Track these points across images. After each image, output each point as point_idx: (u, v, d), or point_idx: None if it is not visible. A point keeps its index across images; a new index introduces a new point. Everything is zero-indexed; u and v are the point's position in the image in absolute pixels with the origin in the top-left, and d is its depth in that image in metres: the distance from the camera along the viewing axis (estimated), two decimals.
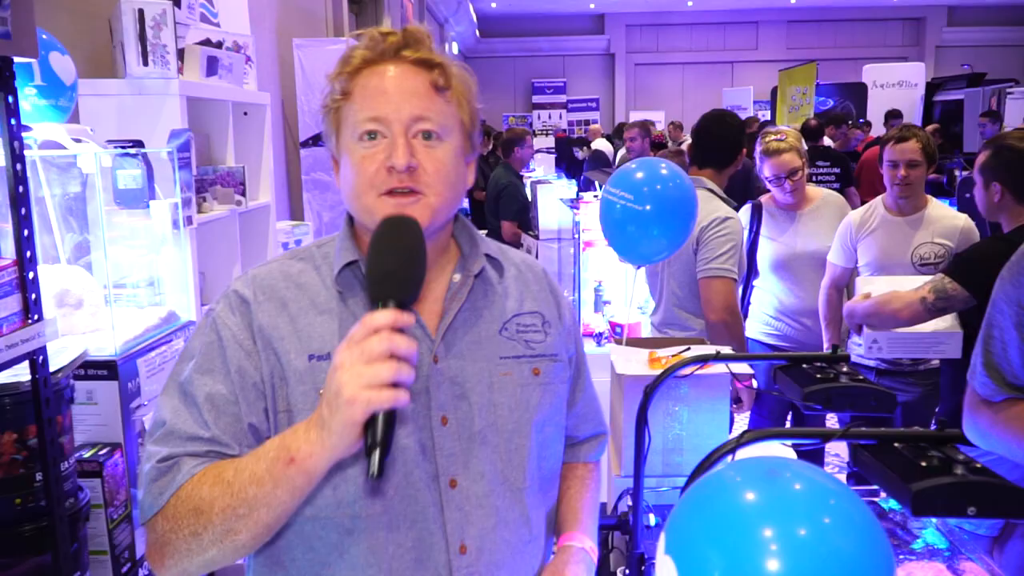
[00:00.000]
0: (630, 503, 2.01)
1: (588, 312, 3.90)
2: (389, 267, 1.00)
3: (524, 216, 5.64)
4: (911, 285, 2.68)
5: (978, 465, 1.20)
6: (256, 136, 3.52)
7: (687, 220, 2.31)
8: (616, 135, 9.76)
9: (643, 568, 1.73)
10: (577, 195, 6.31)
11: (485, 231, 6.01)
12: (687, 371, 1.74)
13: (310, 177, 5.19)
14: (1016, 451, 1.49)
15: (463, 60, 16.54)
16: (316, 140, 5.12)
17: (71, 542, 1.65)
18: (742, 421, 3.63)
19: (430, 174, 1.11)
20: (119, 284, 2.31)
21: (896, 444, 1.29)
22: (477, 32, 17.25)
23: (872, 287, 2.79)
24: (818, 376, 1.62)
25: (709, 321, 2.74)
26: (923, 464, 1.21)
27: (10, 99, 1.41)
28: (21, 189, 1.45)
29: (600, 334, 3.81)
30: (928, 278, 2.60)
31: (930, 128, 10.26)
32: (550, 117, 18.41)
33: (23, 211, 1.45)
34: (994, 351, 1.52)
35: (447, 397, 1.15)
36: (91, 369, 1.90)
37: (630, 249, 2.34)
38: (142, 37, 2.59)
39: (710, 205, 2.74)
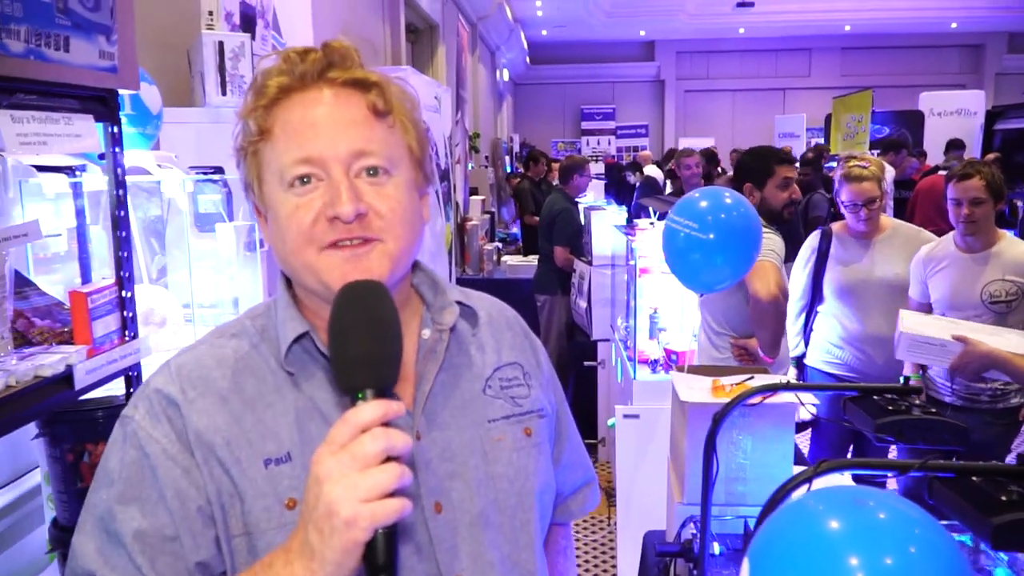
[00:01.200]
0: (694, 531, 2.02)
1: (643, 339, 3.90)
2: (361, 349, 0.80)
3: (577, 242, 5.68)
4: (964, 328, 2.67)
5: None
6: None
7: (751, 249, 2.33)
8: (665, 161, 9.78)
9: None
10: (629, 221, 6.35)
11: (537, 256, 6.07)
12: (755, 400, 1.75)
13: None
14: None
15: (513, 87, 16.74)
16: None
17: None
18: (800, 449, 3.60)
19: (384, 217, 0.91)
20: (198, 305, 2.40)
21: (974, 478, 1.29)
22: (527, 59, 17.45)
23: (911, 322, 2.78)
24: (890, 408, 1.62)
25: (762, 302, 2.78)
26: (1003, 498, 1.21)
27: (115, 129, 1.50)
28: (122, 213, 1.53)
29: (655, 361, 3.82)
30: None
31: (990, 157, 10.07)
32: (599, 143, 18.49)
33: (123, 233, 1.54)
34: None
35: (438, 479, 0.96)
36: None
37: (693, 277, 2.36)
38: (221, 68, 2.71)
39: None
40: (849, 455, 3.70)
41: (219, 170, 2.36)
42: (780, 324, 2.99)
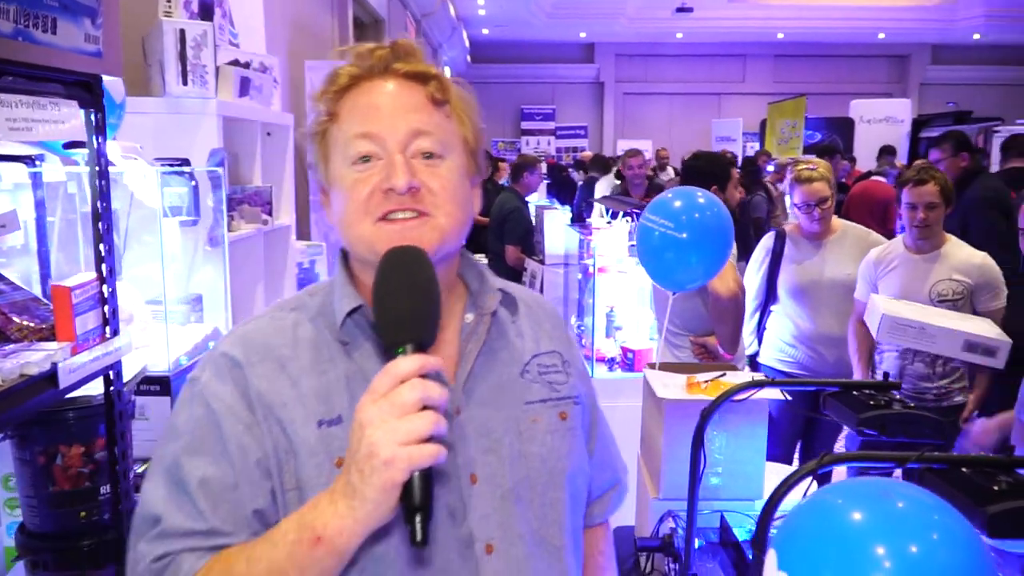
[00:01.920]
0: (672, 525, 2.05)
1: (600, 338, 3.93)
2: (402, 307, 0.88)
3: (528, 241, 5.69)
4: (932, 313, 2.77)
5: None
6: (279, 157, 3.55)
7: (724, 248, 2.37)
8: (593, 165, 9.84)
9: None
10: (574, 220, 6.38)
11: (486, 255, 6.06)
12: (741, 396, 1.78)
13: (318, 198, 5.21)
14: None
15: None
16: None
17: None
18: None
19: (436, 193, 1.00)
20: (157, 300, 2.32)
21: (964, 469, 1.34)
22: (469, 57, 17.41)
23: (890, 306, 2.88)
24: (871, 403, 1.67)
25: (722, 300, 2.86)
26: (995, 488, 1.25)
27: (98, 116, 1.44)
28: (103, 204, 1.47)
29: (612, 359, 3.85)
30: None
31: (918, 163, 10.46)
32: (539, 144, 18.54)
33: (104, 226, 1.48)
34: None
35: (475, 451, 1.02)
36: (143, 384, 1.91)
37: (667, 275, 2.39)
38: (182, 57, 2.63)
39: None
40: (797, 450, 3.80)
41: (186, 162, 2.28)
42: (739, 321, 3.06)
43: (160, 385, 1.91)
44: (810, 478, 1.29)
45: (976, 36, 16.41)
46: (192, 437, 0.97)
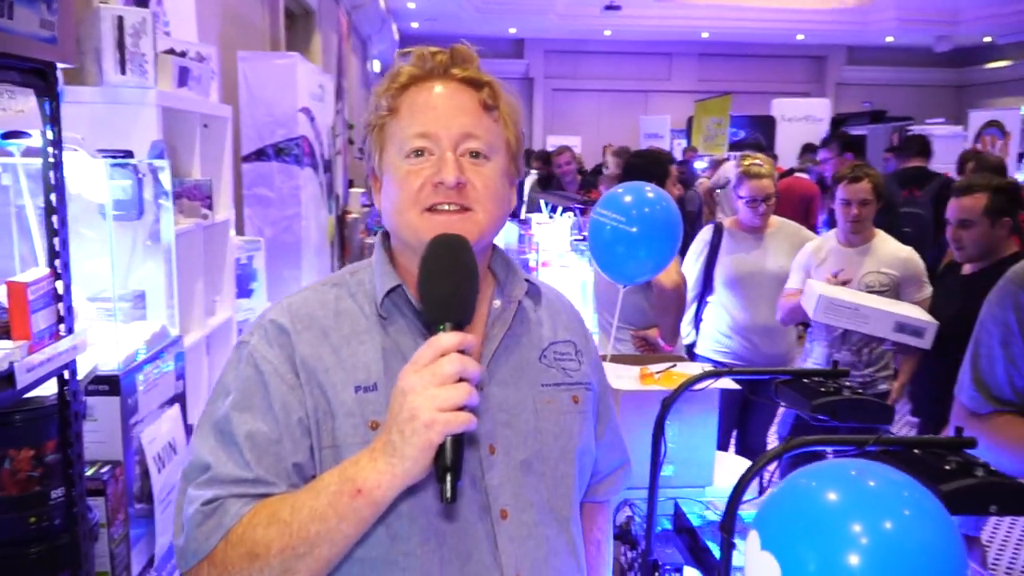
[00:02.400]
0: (629, 513, 2.09)
1: None
2: (446, 289, 0.99)
3: None
4: (865, 297, 2.89)
5: (992, 468, 1.32)
6: (217, 150, 3.46)
7: (672, 242, 2.42)
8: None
9: (656, 574, 1.80)
10: (514, 216, 6.39)
11: None
12: (701, 385, 1.82)
13: (252, 192, 5.10)
14: (1003, 459, 1.63)
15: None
16: (259, 155, 5.06)
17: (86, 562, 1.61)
18: None
19: (479, 190, 1.10)
20: (100, 297, 2.25)
21: (915, 451, 1.41)
22: (398, 52, 17.23)
23: (827, 289, 3.00)
24: (822, 390, 1.74)
25: (667, 291, 2.98)
26: (947, 468, 1.32)
27: (53, 105, 1.39)
28: (58, 197, 1.42)
29: None
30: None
31: (852, 162, 10.83)
32: None
33: (59, 219, 1.42)
34: (981, 368, 1.67)
35: (494, 425, 1.12)
36: (91, 384, 1.85)
37: (617, 269, 2.43)
38: (121, 45, 2.54)
39: None
40: (734, 436, 3.92)
41: (129, 154, 2.21)
42: (681, 312, 3.14)
43: (109, 385, 1.85)
44: (775, 464, 1.33)
45: (889, 39, 17.08)
46: (241, 395, 1.07)
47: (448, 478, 0.91)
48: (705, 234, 3.74)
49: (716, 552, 1.85)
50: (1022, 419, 1.65)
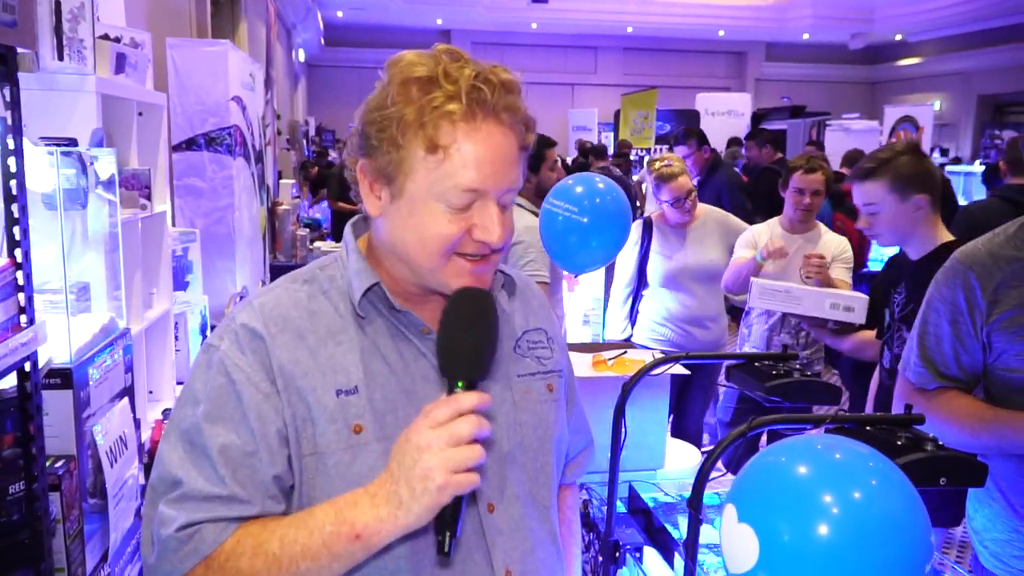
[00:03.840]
0: (585, 496, 2.14)
1: None
2: (469, 348, 0.97)
3: None
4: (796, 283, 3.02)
5: (940, 443, 1.42)
6: (152, 138, 3.37)
7: (623, 232, 2.48)
8: None
9: (617, 554, 1.86)
10: None
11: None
12: (658, 371, 1.88)
13: (183, 183, 4.97)
14: (947, 432, 1.73)
15: (308, 68, 16.02)
16: (190, 144, 4.93)
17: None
18: None
19: (503, 239, 1.06)
20: (45, 289, 2.18)
21: (868, 428, 1.49)
22: (323, 40, 16.98)
23: (768, 281, 3.11)
24: (774, 373, 1.82)
25: None
26: (899, 443, 1.41)
27: (13, 91, 1.35)
28: (18, 185, 1.38)
29: None
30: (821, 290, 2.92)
31: (806, 153, 11.16)
32: None
33: (19, 207, 1.39)
34: (929, 345, 1.77)
35: None
36: (43, 378, 1.80)
37: (569, 258, 2.47)
38: (58, 30, 2.45)
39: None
40: (669, 421, 4.03)
41: (73, 142, 2.15)
42: None
43: (62, 378, 1.80)
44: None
45: (805, 36, 17.66)
46: (212, 405, 1.02)
47: (447, 534, 0.92)
48: (635, 231, 3.79)
49: (672, 532, 1.91)
50: (966, 395, 1.76)
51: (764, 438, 3.24)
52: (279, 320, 1.06)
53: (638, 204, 7.31)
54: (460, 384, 0.95)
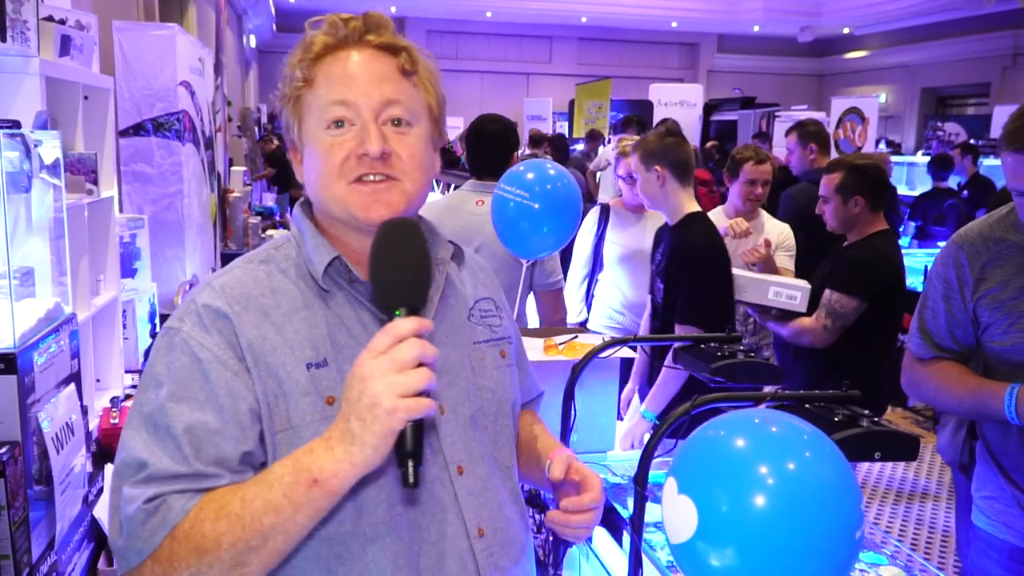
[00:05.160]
0: None
1: None
2: (402, 274, 0.97)
3: None
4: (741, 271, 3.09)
5: (876, 419, 1.48)
6: (99, 122, 3.31)
7: (574, 218, 2.51)
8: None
9: None
10: None
11: None
12: (607, 353, 1.92)
13: (130, 168, 4.88)
14: (939, 399, 1.86)
15: (259, 55, 15.81)
16: (138, 130, 4.84)
17: None
18: None
19: (404, 160, 1.08)
20: None
21: (807, 405, 1.55)
22: (275, 26, 16.72)
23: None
24: (719, 354, 1.87)
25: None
26: (836, 419, 1.46)
27: None
28: None
29: None
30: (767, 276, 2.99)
31: (709, 144, 11.33)
32: None
33: None
34: (926, 319, 1.89)
35: (440, 385, 1.11)
36: None
37: (521, 244, 2.50)
38: (0, 11, 2.39)
39: None
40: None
41: (16, 124, 2.11)
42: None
43: (5, 363, 1.77)
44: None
45: (756, 28, 17.91)
46: (177, 385, 1.02)
47: (410, 463, 0.91)
48: (593, 215, 3.85)
49: (622, 512, 1.96)
50: (959, 365, 1.88)
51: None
52: (242, 299, 1.07)
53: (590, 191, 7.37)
54: (398, 312, 0.95)
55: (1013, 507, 1.83)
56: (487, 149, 3.02)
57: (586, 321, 4.00)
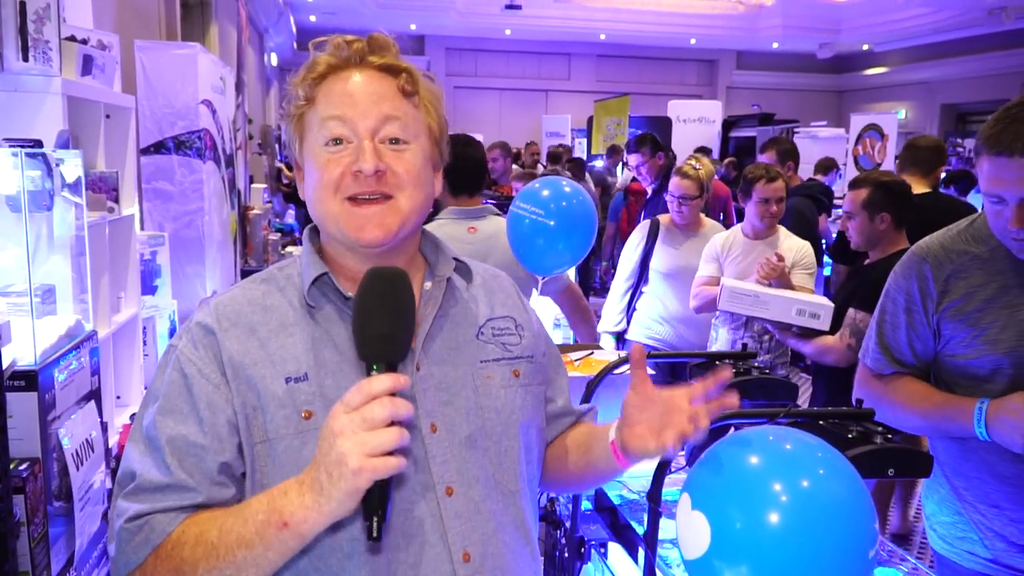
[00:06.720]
0: (552, 494, 2.17)
1: None
2: (382, 329, 0.96)
3: None
4: (765, 287, 3.08)
5: (889, 435, 1.46)
6: (120, 141, 3.36)
7: (588, 235, 2.51)
8: None
9: (583, 550, 1.89)
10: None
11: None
12: (621, 369, 1.92)
13: (151, 186, 4.94)
14: (901, 416, 1.81)
15: (280, 72, 16.00)
16: (159, 148, 4.91)
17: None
18: None
19: (399, 176, 1.10)
20: (8, 292, 2.17)
21: (821, 422, 1.54)
22: (295, 45, 16.92)
23: (730, 281, 3.18)
24: (734, 371, 1.86)
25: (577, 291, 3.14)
26: (850, 436, 1.45)
27: None
28: None
29: None
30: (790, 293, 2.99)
31: (727, 161, 11.31)
32: None
33: None
34: (886, 333, 1.85)
35: (434, 404, 1.13)
36: (8, 380, 1.79)
37: (536, 261, 2.50)
38: (23, 31, 2.45)
39: None
40: None
41: (38, 144, 2.14)
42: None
43: (26, 380, 1.80)
44: None
45: (775, 45, 17.88)
46: (165, 399, 1.08)
47: (374, 520, 0.92)
48: (642, 229, 3.94)
49: (637, 528, 1.95)
50: (918, 380, 1.85)
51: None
52: (232, 316, 1.12)
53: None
54: (375, 367, 0.95)
55: (972, 531, 1.80)
56: (467, 169, 2.94)
57: (625, 331, 4.04)
